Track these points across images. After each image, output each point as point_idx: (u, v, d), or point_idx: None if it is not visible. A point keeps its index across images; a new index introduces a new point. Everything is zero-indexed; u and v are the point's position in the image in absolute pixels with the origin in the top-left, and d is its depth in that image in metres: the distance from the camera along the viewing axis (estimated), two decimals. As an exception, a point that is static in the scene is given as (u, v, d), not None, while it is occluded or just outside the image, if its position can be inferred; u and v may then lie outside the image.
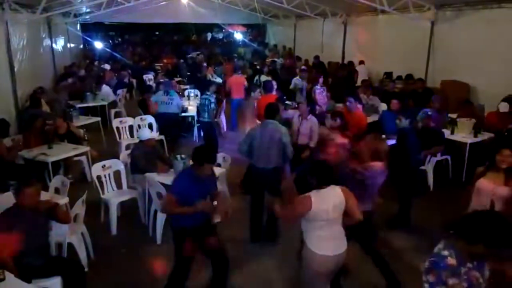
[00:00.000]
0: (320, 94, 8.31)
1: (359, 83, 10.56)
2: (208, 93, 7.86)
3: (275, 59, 16.44)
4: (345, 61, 13.47)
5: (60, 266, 3.58)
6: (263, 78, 11.11)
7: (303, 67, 13.16)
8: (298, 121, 6.27)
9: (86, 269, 4.01)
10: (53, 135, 6.53)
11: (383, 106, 8.14)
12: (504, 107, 6.89)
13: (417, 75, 9.92)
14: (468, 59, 8.54)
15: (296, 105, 7.46)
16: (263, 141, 4.76)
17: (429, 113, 6.26)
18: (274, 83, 8.61)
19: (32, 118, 6.62)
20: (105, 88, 10.32)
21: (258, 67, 15.06)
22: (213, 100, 7.74)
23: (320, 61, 14.30)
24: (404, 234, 5.10)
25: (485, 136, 6.72)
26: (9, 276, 3.06)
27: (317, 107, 8.03)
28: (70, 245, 4.15)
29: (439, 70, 9.55)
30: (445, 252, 2.27)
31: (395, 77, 10.76)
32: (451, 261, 2.25)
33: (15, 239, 3.24)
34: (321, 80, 9.24)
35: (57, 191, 4.76)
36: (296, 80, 10.08)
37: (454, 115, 7.26)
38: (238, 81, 10.12)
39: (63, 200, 4.46)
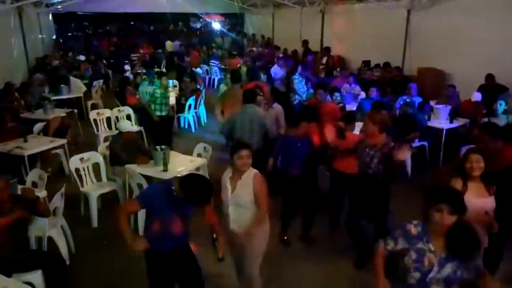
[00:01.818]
0: (299, 83, 8.31)
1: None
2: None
3: (254, 49, 16.40)
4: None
5: (41, 259, 3.52)
6: (243, 67, 11.09)
7: (280, 55, 13.15)
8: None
9: (67, 262, 3.95)
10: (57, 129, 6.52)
11: (362, 95, 8.24)
12: (477, 97, 7.06)
13: (394, 63, 10.06)
14: (444, 46, 8.71)
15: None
16: (244, 124, 5.10)
17: (408, 100, 6.38)
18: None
19: (2, 111, 6.43)
20: (73, 80, 10.05)
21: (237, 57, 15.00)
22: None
23: (308, 48, 13.96)
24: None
25: (461, 122, 6.89)
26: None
27: (297, 97, 8.04)
28: (50, 239, 4.07)
29: (416, 58, 9.72)
30: (414, 222, 2.51)
31: (373, 65, 10.88)
32: (412, 229, 2.48)
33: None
34: (299, 69, 9.25)
35: (34, 185, 4.66)
36: (275, 69, 10.06)
37: (432, 102, 7.40)
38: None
39: (41, 194, 4.37)
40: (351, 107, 7.54)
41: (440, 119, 6.90)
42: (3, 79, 8.54)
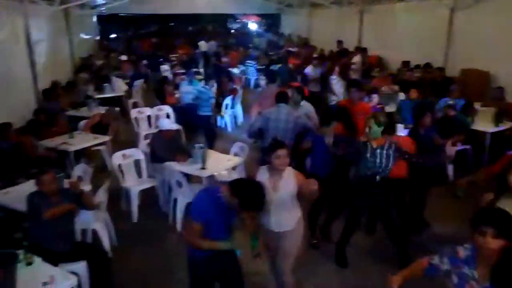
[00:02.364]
0: (337, 84, 8.22)
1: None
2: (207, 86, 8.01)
3: (290, 49, 16.38)
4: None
5: (85, 251, 3.68)
6: (276, 68, 11.12)
7: (315, 55, 13.05)
8: None
9: (109, 255, 4.11)
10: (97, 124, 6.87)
11: (401, 96, 8.06)
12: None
13: (435, 64, 9.77)
14: (489, 47, 8.37)
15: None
16: (279, 123, 5.12)
17: (450, 102, 6.19)
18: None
19: (36, 113, 6.78)
20: (114, 80, 10.41)
21: (273, 57, 15.04)
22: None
23: (344, 48, 13.80)
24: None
25: (508, 125, 6.60)
26: (37, 260, 3.18)
27: (334, 97, 7.97)
28: (94, 232, 4.26)
29: (459, 59, 9.39)
30: (465, 245, 2.28)
31: (412, 66, 10.61)
32: (461, 252, 2.27)
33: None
34: (337, 69, 9.15)
35: (79, 179, 4.84)
36: (309, 69, 10.00)
37: (477, 104, 7.14)
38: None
39: (86, 188, 4.55)
40: (390, 108, 7.41)
41: (485, 122, 6.64)
42: (50, 78, 8.97)
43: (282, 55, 14.92)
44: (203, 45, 18.93)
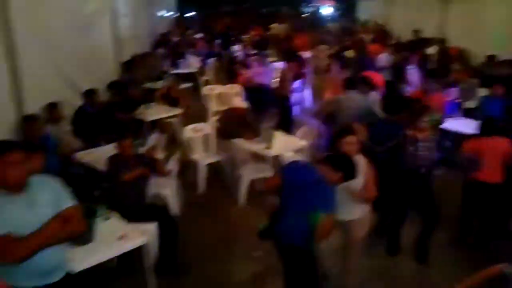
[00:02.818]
0: (414, 74, 7.84)
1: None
2: None
3: (363, 36, 15.84)
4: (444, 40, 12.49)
5: (156, 213, 3.93)
6: (349, 54, 10.80)
7: (390, 43, 12.50)
8: None
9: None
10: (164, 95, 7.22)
11: (483, 91, 7.52)
12: None
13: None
14: None
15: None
16: (350, 110, 4.99)
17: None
18: None
19: (126, 83, 7.21)
20: (189, 57, 10.77)
21: (346, 43, 14.64)
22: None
23: (422, 38, 13.14)
24: None
25: None
26: (114, 216, 3.47)
27: (408, 88, 7.62)
28: (164, 197, 4.53)
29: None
30: None
31: (499, 60, 9.81)
32: None
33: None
34: (415, 59, 8.71)
35: (153, 148, 5.16)
36: (383, 57, 9.61)
37: None
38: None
39: (159, 156, 4.83)
40: (469, 104, 6.97)
41: None
42: (130, 51, 9.46)
43: (355, 41, 14.48)
44: (275, 28, 18.90)
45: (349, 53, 10.71)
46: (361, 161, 3.22)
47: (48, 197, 2.30)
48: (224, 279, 3.89)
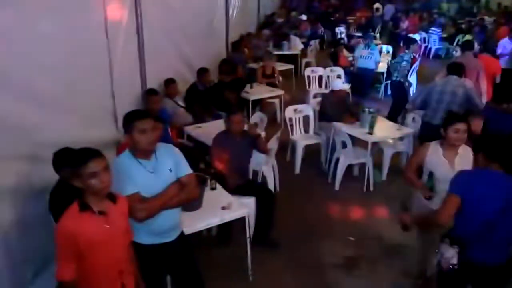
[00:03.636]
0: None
1: None
2: (406, 51, 7.53)
3: (486, 17, 14.36)
4: None
5: (256, 188, 4.15)
6: (467, 38, 9.92)
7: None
8: None
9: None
10: (262, 73, 7.36)
11: None
12: None
13: None
14: None
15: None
16: (444, 95, 4.72)
17: None
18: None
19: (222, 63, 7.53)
20: (293, 38, 10.79)
21: (463, 26, 13.46)
22: (407, 58, 7.39)
23: None
24: None
25: None
26: (219, 187, 3.75)
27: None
28: (263, 175, 4.74)
29: None
30: None
31: None
32: None
33: (227, 156, 3.89)
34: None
35: (255, 126, 5.39)
36: (504, 42, 8.62)
37: None
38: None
39: (261, 134, 5.03)
40: None
41: None
42: (239, 31, 9.81)
43: (475, 24, 13.21)
44: (381, 9, 18.02)
45: (467, 37, 9.83)
46: (467, 149, 3.01)
47: (170, 164, 2.56)
48: (314, 259, 3.99)
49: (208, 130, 4.85)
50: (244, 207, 3.52)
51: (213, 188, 3.69)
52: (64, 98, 3.44)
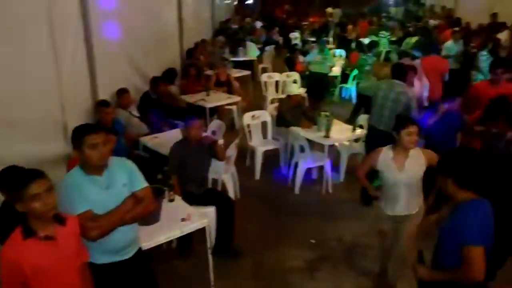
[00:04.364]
0: (486, 61, 7.34)
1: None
2: (369, 54, 7.77)
3: (430, 21, 15.06)
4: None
5: (215, 197, 4.10)
6: (414, 40, 10.35)
7: (456, 28, 11.73)
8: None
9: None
10: (215, 81, 7.30)
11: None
12: None
13: None
14: None
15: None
16: (386, 100, 4.67)
17: None
18: None
19: (188, 67, 7.46)
20: (249, 44, 10.85)
21: (410, 29, 14.03)
22: (370, 61, 7.63)
23: (498, 22, 12.11)
24: None
25: None
26: (177, 198, 3.67)
27: (480, 76, 7.18)
28: (222, 182, 4.70)
29: None
30: None
31: None
32: None
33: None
34: (487, 44, 8.16)
35: (213, 133, 5.35)
36: (448, 44, 9.08)
37: None
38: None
39: (220, 142, 4.99)
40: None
41: None
42: (193, 39, 9.72)
43: (420, 27, 13.82)
44: (330, 13, 18.52)
45: (413, 40, 10.27)
46: (417, 150, 3.19)
47: (124, 178, 2.47)
48: (278, 264, 3.99)
49: (165, 140, 4.77)
50: (204, 217, 3.47)
51: (171, 200, 3.61)
52: (7, 111, 3.27)
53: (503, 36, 10.04)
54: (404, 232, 3.28)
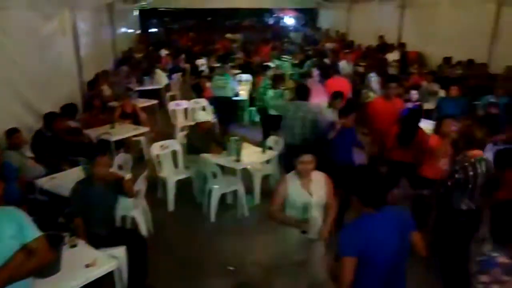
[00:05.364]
0: (376, 82, 8.06)
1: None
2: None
3: (327, 44, 16.21)
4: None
5: (125, 236, 3.85)
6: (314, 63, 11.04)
7: (346, 50, 12.80)
8: None
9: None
10: (121, 113, 7.02)
11: (441, 93, 7.85)
12: None
13: (479, 61, 9.40)
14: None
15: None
16: (295, 120, 5.16)
17: (492, 100, 5.98)
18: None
19: (91, 99, 7.10)
20: (157, 72, 10.70)
21: (309, 52, 14.93)
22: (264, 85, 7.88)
23: (386, 43, 13.30)
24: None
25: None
26: (81, 243, 3.37)
27: (372, 94, 7.85)
28: (133, 219, 4.45)
29: (504, 55, 8.99)
30: (495, 254, 2.29)
31: (454, 62, 10.26)
32: (503, 259, 2.26)
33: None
34: (375, 65, 8.99)
35: (120, 168, 5.08)
36: (343, 64, 9.83)
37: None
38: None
39: (127, 177, 4.74)
40: (429, 105, 7.27)
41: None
42: (93, 70, 9.29)
43: (318, 50, 14.80)
44: (236, 39, 19.10)
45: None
46: (319, 176, 3.37)
47: (12, 230, 2.21)
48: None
49: (65, 180, 4.42)
50: (112, 260, 3.22)
51: (73, 246, 3.31)
52: None
53: (391, 56, 11.18)
54: (314, 255, 3.34)
